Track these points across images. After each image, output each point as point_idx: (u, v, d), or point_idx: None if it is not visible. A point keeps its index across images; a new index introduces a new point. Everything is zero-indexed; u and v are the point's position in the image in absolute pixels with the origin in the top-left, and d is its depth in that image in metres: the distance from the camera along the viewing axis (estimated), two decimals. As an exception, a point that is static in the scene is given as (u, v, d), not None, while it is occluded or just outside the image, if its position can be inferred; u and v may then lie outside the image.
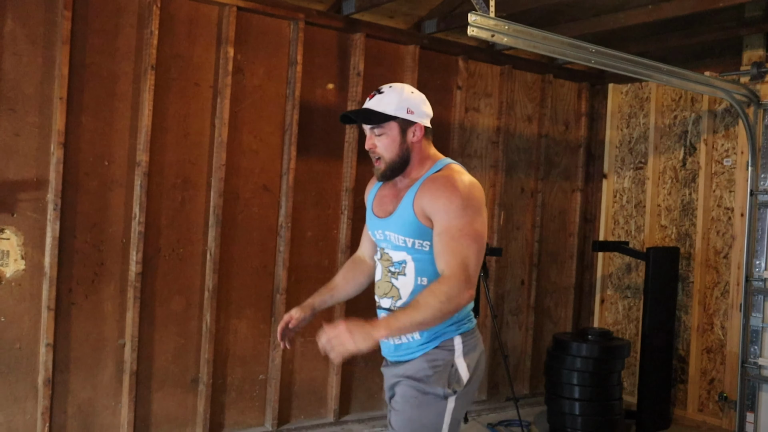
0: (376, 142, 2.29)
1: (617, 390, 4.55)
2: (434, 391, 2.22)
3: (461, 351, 2.26)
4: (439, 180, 2.22)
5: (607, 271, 5.66)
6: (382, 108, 2.27)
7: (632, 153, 5.51)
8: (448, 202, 2.17)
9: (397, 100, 2.28)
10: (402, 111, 2.27)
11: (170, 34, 3.86)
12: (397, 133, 2.28)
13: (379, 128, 2.28)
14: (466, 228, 2.15)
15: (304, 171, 4.32)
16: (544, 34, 3.52)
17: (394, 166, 2.30)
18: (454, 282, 2.11)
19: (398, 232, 2.26)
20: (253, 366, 4.22)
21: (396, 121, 2.27)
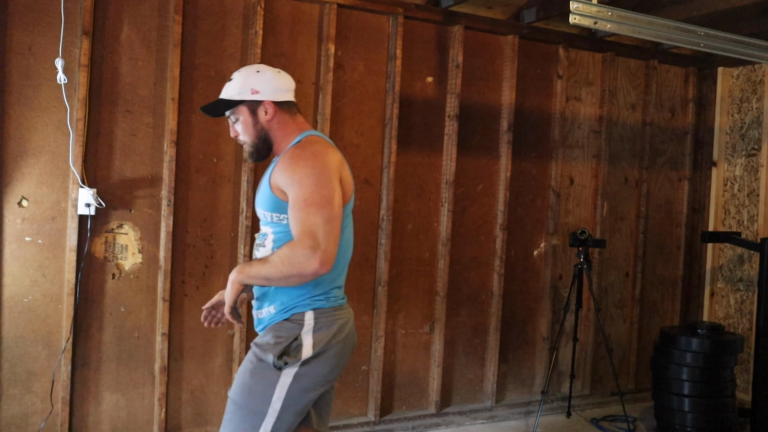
0: (236, 128, 2.37)
1: (730, 387, 4.38)
2: (266, 359, 2.22)
3: (311, 327, 2.25)
4: (288, 154, 2.24)
5: (718, 263, 5.44)
6: (227, 95, 2.33)
7: (744, 139, 5.27)
8: (294, 174, 2.17)
9: (240, 83, 2.32)
10: (246, 93, 2.31)
11: (273, 34, 3.97)
12: (248, 115, 2.34)
13: (232, 115, 2.35)
14: (312, 197, 2.13)
15: (404, 164, 4.36)
16: (650, 19, 3.43)
17: (257, 146, 2.36)
18: (297, 248, 2.10)
19: (261, 207, 2.32)
20: (356, 357, 4.30)
21: (243, 105, 2.33)
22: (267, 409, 2.22)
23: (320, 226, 2.11)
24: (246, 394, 2.25)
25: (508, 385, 4.82)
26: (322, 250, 2.09)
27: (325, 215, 2.13)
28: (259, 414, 2.22)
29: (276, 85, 2.34)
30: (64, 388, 3.54)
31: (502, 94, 4.66)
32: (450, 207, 4.46)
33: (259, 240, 2.36)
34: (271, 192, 2.25)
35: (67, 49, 3.48)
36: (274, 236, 2.29)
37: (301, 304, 2.27)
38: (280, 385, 2.23)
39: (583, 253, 4.52)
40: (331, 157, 2.23)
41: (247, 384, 2.26)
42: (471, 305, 4.65)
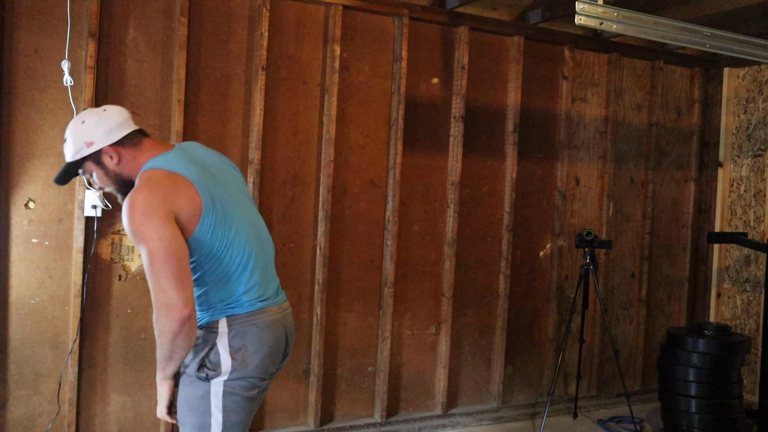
0: (95, 181, 2.30)
1: (737, 388, 4.36)
2: (190, 374, 2.21)
3: (225, 333, 2.20)
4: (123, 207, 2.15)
5: (724, 263, 5.43)
6: (69, 158, 2.26)
7: (750, 140, 5.26)
8: (131, 237, 2.11)
9: (73, 143, 2.23)
10: (83, 149, 2.22)
11: (279, 35, 3.97)
12: (96, 167, 2.25)
13: (85, 173, 2.29)
14: (147, 257, 2.07)
15: (410, 165, 4.36)
16: (655, 19, 3.42)
17: (122, 190, 2.27)
18: (157, 316, 2.07)
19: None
20: (362, 358, 4.30)
21: (87, 160, 2.25)
22: (210, 420, 2.20)
23: (161, 277, 2.06)
24: (187, 411, 2.24)
25: (514, 386, 4.82)
26: (173, 303, 2.04)
27: (160, 264, 2.05)
28: (205, 427, 2.20)
29: (105, 126, 2.23)
30: (71, 389, 3.54)
31: (508, 95, 4.65)
32: (456, 208, 4.46)
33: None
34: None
35: (73, 51, 3.49)
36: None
37: (216, 313, 2.24)
38: (213, 396, 2.20)
39: (589, 254, 4.52)
40: (153, 197, 2.10)
41: (184, 400, 2.24)
42: (477, 306, 4.64)
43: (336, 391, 4.24)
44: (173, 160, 2.22)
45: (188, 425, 2.23)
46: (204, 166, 2.28)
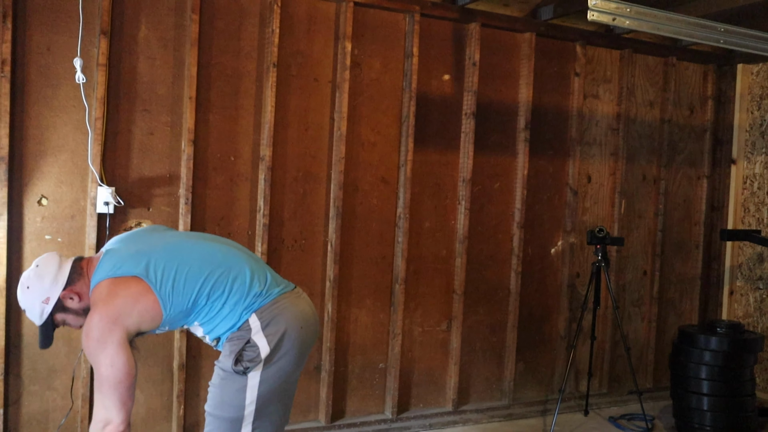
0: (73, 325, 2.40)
1: (749, 386, 4.34)
2: (227, 369, 2.31)
3: (259, 327, 2.33)
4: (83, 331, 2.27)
5: (737, 261, 5.40)
6: (39, 322, 2.35)
7: (764, 137, 5.22)
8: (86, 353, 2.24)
9: (33, 309, 2.33)
10: (45, 309, 2.33)
11: (290, 32, 3.97)
12: (65, 314, 2.37)
13: (60, 324, 2.39)
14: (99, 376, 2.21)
15: (421, 162, 4.35)
16: (669, 15, 3.40)
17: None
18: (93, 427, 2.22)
19: None
20: (373, 354, 4.30)
21: (54, 315, 2.35)
22: (242, 414, 2.32)
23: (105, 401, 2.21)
24: (219, 405, 2.35)
25: (525, 383, 4.81)
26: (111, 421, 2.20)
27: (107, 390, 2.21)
28: (236, 421, 2.33)
29: (48, 278, 2.33)
30: (84, 384, 3.56)
31: (519, 91, 4.64)
32: (467, 205, 4.45)
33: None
34: None
35: (85, 48, 3.51)
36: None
37: (244, 314, 2.36)
38: (249, 389, 2.32)
39: (601, 251, 4.50)
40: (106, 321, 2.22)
41: (218, 396, 2.36)
42: (488, 303, 4.64)
43: (347, 388, 4.25)
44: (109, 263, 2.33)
45: (218, 417, 2.35)
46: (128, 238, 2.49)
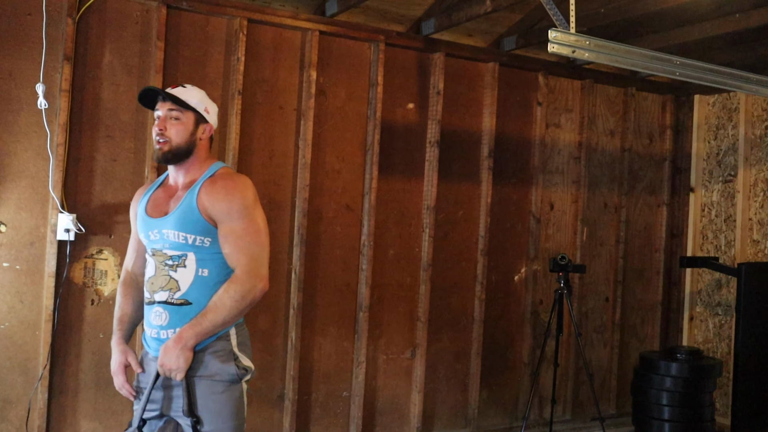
0: (168, 125, 2.39)
1: (709, 411, 4.40)
2: (231, 373, 2.34)
3: (236, 341, 2.39)
4: (218, 182, 2.38)
5: (696, 287, 5.49)
6: (186, 98, 2.42)
7: (721, 165, 5.35)
8: (229, 204, 2.33)
9: (199, 96, 2.45)
10: (201, 107, 2.44)
11: (256, 60, 3.99)
12: (192, 123, 2.42)
13: (177, 111, 2.40)
14: (250, 226, 2.33)
15: (385, 190, 4.38)
16: (627, 48, 3.47)
17: (178, 151, 2.40)
18: (245, 279, 2.30)
19: (177, 229, 2.35)
20: (337, 383, 4.28)
21: (194, 113, 2.42)
22: (244, 417, 2.41)
23: (260, 252, 2.34)
24: (229, 416, 2.35)
25: (489, 411, 4.81)
26: (263, 274, 2.33)
27: (262, 241, 2.35)
28: (241, 426, 2.39)
29: (216, 117, 2.53)
30: (41, 416, 3.49)
31: (483, 120, 4.70)
32: (431, 232, 4.48)
33: (173, 261, 2.37)
34: (200, 215, 2.34)
35: (48, 74, 3.48)
36: (196, 256, 2.36)
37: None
38: (244, 395, 2.41)
39: (564, 278, 4.55)
40: (253, 185, 2.42)
41: (227, 408, 2.35)
42: (452, 330, 4.65)
43: (311, 416, 4.21)
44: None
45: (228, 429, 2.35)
46: None
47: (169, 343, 2.29)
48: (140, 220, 2.47)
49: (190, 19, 3.84)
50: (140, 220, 2.47)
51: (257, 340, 4.02)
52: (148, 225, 2.42)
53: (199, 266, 2.35)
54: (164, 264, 2.38)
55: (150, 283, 2.41)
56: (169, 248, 2.37)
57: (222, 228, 2.34)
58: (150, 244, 2.42)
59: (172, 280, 2.36)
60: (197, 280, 2.35)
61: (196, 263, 2.35)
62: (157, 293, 2.38)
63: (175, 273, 2.36)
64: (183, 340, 2.27)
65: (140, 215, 2.48)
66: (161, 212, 2.42)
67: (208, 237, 2.34)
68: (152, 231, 2.40)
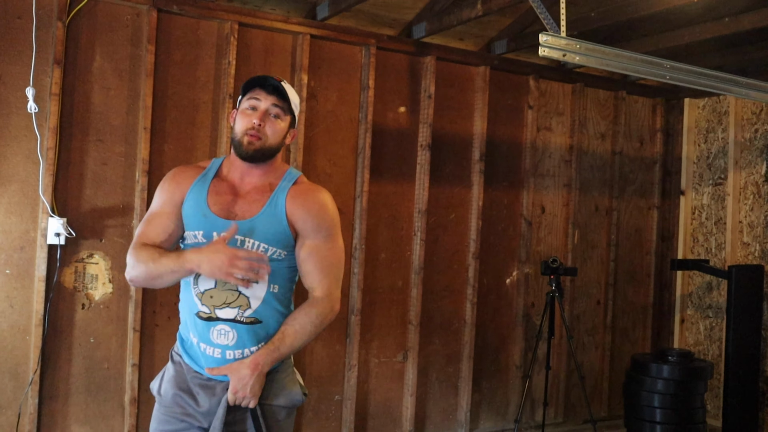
0: (267, 121, 2.15)
1: (700, 413, 4.42)
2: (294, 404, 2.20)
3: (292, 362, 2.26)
4: (309, 194, 2.19)
5: (687, 290, 5.51)
6: (291, 98, 2.20)
7: (711, 168, 5.38)
8: (320, 220, 2.16)
9: (297, 101, 2.25)
10: (297, 112, 2.26)
11: (246, 64, 3.98)
12: (287, 126, 2.21)
13: (280, 110, 2.16)
14: (335, 246, 2.19)
15: (377, 194, 4.38)
16: (617, 52, 3.49)
17: (268, 152, 2.16)
18: (327, 303, 2.15)
19: (261, 240, 2.10)
20: (329, 386, 4.27)
21: (291, 116, 2.21)
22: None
23: (340, 276, 2.22)
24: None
25: (481, 414, 4.82)
26: (338, 297, 2.20)
27: (342, 264, 2.22)
28: None
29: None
30: (31, 421, 3.47)
31: (474, 124, 4.71)
32: (423, 236, 4.48)
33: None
34: (287, 227, 2.13)
35: (38, 78, 3.47)
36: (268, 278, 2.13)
37: None
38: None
39: (555, 281, 4.56)
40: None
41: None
42: (444, 334, 4.65)
43: (303, 420, 4.20)
44: None
45: None
46: None
47: (243, 369, 2.06)
48: (200, 215, 2.13)
49: (181, 23, 3.84)
50: (200, 215, 2.13)
51: (249, 344, 4.02)
52: (212, 223, 2.11)
53: (271, 281, 2.12)
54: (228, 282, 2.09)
55: (209, 297, 2.10)
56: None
57: (306, 243, 2.14)
58: None
59: (242, 296, 2.10)
60: (268, 297, 2.11)
61: (269, 278, 2.11)
62: (220, 309, 2.09)
63: (245, 288, 2.09)
64: (260, 366, 2.07)
65: (200, 209, 2.14)
66: (230, 213, 2.13)
67: (286, 250, 2.14)
68: (217, 232, 2.09)
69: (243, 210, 2.13)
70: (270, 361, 2.09)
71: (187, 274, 2.08)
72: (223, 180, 2.20)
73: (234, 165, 2.20)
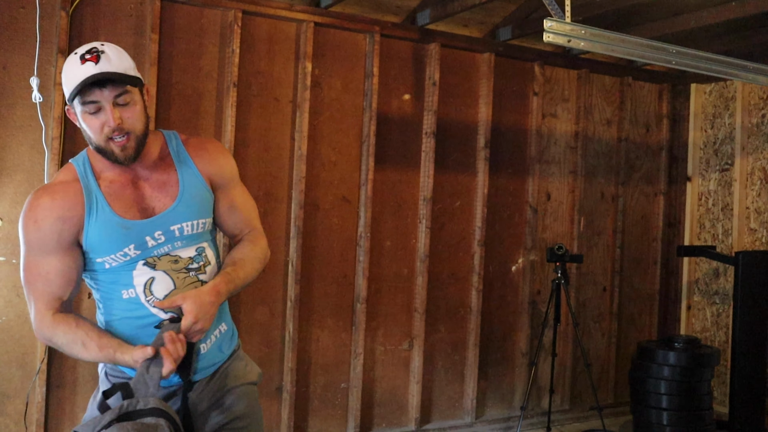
0: (121, 113, 1.78)
1: (707, 399, 4.41)
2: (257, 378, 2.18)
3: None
4: (206, 145, 2.02)
5: (694, 276, 5.50)
6: (123, 69, 1.78)
7: (717, 154, 5.35)
8: (230, 167, 2.06)
9: (127, 58, 1.82)
10: (134, 71, 1.84)
11: (251, 52, 3.97)
12: (139, 95, 1.84)
13: (125, 94, 1.78)
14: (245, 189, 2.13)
15: (382, 181, 4.37)
16: (622, 37, 3.46)
17: (142, 143, 1.85)
18: (264, 240, 2.09)
19: (195, 217, 1.90)
20: (335, 374, 4.28)
21: (135, 81, 1.81)
22: None
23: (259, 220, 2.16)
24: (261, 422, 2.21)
25: (487, 401, 4.83)
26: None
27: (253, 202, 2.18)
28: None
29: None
30: (39, 410, 3.49)
31: (479, 111, 4.69)
32: (428, 223, 4.47)
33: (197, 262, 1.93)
34: (206, 185, 1.96)
35: (42, 67, 3.47)
36: (211, 245, 1.99)
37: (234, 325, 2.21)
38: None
39: (561, 268, 4.55)
40: None
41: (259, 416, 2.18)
42: (450, 321, 4.65)
43: (309, 408, 4.22)
44: None
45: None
46: None
47: (203, 296, 1.80)
48: (120, 231, 1.83)
49: (185, 11, 3.83)
50: (120, 231, 1.83)
51: (255, 333, 4.03)
52: (139, 230, 1.85)
53: (217, 257, 2.00)
54: (185, 270, 1.91)
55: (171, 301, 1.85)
56: (184, 245, 1.90)
57: (224, 196, 2.02)
58: (148, 253, 1.86)
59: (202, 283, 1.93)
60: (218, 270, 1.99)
61: (215, 254, 1.99)
62: None
63: (204, 275, 1.93)
64: (221, 295, 1.86)
65: (116, 226, 1.83)
66: (147, 209, 1.87)
67: (210, 215, 1.98)
68: (150, 236, 1.86)
69: (157, 199, 1.89)
70: (227, 290, 1.88)
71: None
72: (107, 179, 1.87)
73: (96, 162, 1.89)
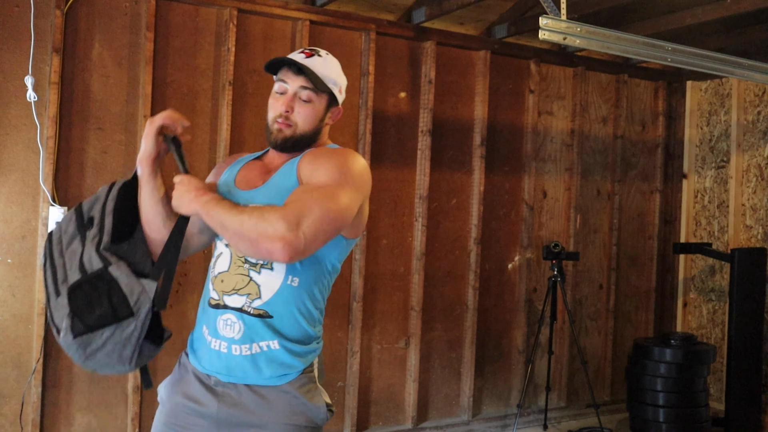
0: (296, 106, 1.89)
1: (703, 396, 4.43)
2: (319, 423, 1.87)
3: (317, 371, 1.92)
4: (326, 149, 1.92)
5: (690, 273, 5.51)
6: (323, 74, 1.92)
7: (713, 151, 5.35)
8: (323, 163, 1.82)
9: (337, 73, 1.95)
10: (337, 88, 1.95)
11: (246, 50, 3.97)
12: (323, 107, 1.93)
13: (311, 92, 1.89)
14: (328, 189, 1.76)
15: (378, 179, 4.35)
16: (618, 34, 3.47)
17: (302, 139, 1.91)
18: (278, 218, 1.65)
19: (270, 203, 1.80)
20: (332, 373, 4.28)
21: (328, 96, 1.93)
22: None
23: (314, 213, 1.69)
24: None
25: (484, 399, 4.83)
26: (297, 235, 1.65)
27: (325, 211, 1.71)
28: None
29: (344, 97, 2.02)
30: (35, 410, 3.48)
31: (475, 108, 4.69)
32: (424, 222, 4.47)
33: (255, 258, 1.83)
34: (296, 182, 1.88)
35: (37, 66, 3.46)
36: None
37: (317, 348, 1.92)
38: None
39: (557, 266, 4.55)
40: (369, 177, 1.92)
41: None
42: (446, 319, 4.65)
43: (306, 407, 4.21)
44: None
45: None
46: None
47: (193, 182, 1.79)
48: (225, 190, 1.91)
49: (180, 10, 3.82)
50: (225, 190, 1.91)
51: (251, 331, 4.03)
52: (234, 198, 1.85)
53: (289, 272, 1.83)
54: (244, 260, 1.84)
55: (219, 281, 1.86)
56: None
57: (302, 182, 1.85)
58: None
59: (253, 283, 1.82)
60: (284, 290, 1.82)
61: (286, 268, 1.82)
62: (229, 296, 1.83)
63: (258, 275, 1.82)
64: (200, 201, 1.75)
65: (227, 185, 1.93)
66: (252, 186, 1.90)
67: None
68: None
69: (258, 179, 1.92)
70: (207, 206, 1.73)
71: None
72: (263, 160, 2.00)
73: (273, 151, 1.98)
